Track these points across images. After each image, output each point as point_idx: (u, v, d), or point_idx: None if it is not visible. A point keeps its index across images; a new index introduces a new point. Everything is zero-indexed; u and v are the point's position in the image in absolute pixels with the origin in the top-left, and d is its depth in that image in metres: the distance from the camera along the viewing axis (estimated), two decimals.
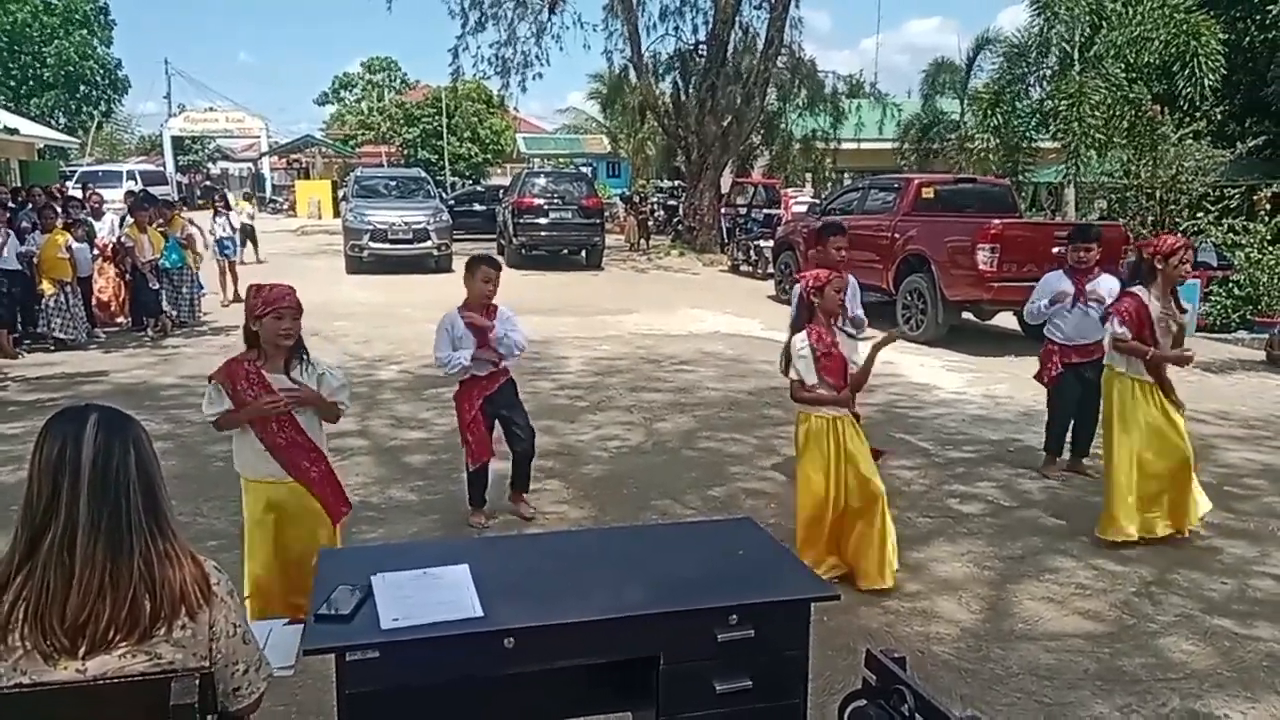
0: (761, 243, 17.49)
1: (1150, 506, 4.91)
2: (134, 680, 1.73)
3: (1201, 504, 4.98)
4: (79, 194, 15.68)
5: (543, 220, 18.59)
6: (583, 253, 19.26)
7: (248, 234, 19.74)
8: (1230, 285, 12.03)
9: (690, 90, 22.74)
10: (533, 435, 5.26)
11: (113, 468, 1.75)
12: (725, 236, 21.46)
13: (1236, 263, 12.13)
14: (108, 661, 1.72)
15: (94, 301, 11.16)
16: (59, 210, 11.48)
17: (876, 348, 4.35)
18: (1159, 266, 4.79)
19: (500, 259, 5.71)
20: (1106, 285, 5.71)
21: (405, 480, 5.84)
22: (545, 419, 7.24)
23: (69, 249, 10.23)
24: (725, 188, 23.76)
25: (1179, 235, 5.32)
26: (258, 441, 3.53)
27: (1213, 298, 11.89)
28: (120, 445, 1.77)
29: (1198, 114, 15.25)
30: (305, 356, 3.57)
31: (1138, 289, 4.84)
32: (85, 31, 32.63)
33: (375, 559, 2.67)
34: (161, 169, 37.02)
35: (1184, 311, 4.99)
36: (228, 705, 1.88)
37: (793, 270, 13.30)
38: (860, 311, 5.58)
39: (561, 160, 37.09)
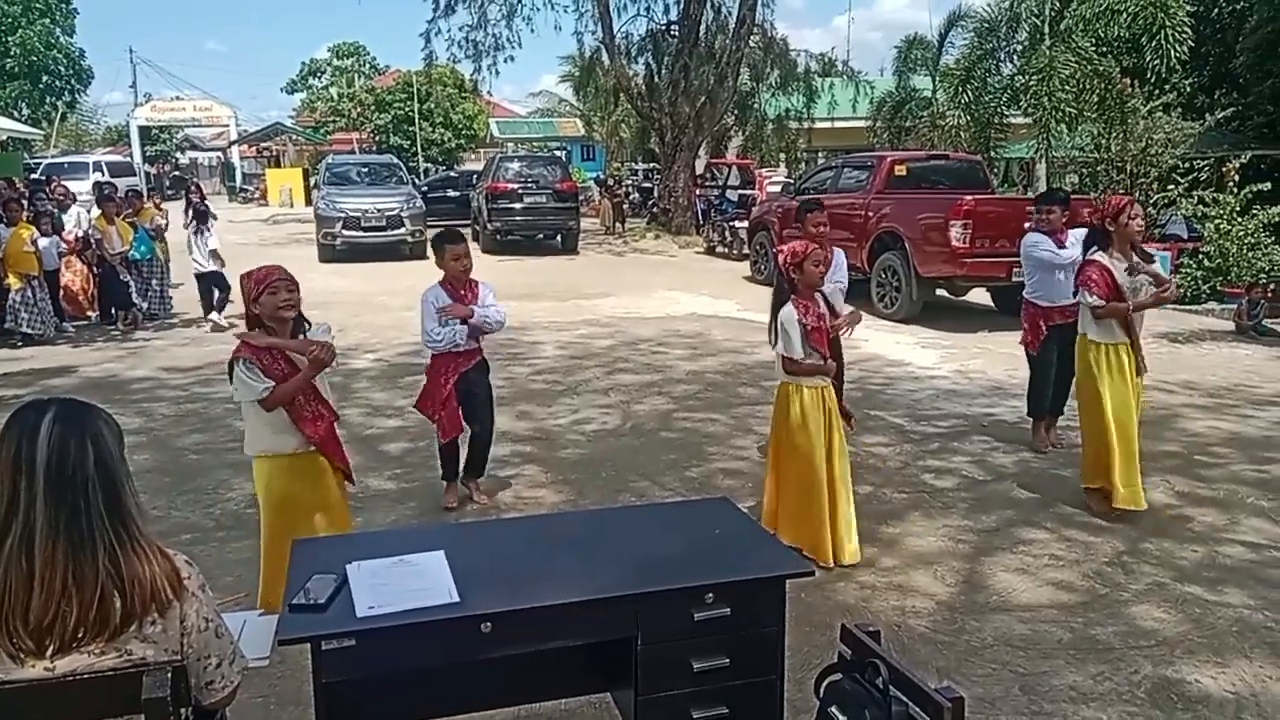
0: (737, 224, 17.47)
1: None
2: (105, 675, 1.72)
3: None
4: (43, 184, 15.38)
5: (517, 205, 18.47)
6: (558, 237, 19.15)
7: None
8: (1200, 257, 12.15)
9: (663, 71, 22.64)
10: (492, 423, 5.28)
11: (69, 466, 1.71)
12: (700, 218, 21.43)
13: (1206, 234, 12.25)
14: (77, 660, 1.70)
15: (62, 295, 10.99)
16: (25, 204, 11.28)
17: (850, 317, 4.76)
18: (1110, 228, 4.90)
19: (466, 234, 5.63)
20: (1075, 239, 5.77)
21: (382, 469, 5.81)
22: (522, 403, 7.24)
23: (34, 243, 10.08)
24: (700, 169, 23.72)
25: (1125, 194, 5.41)
26: (285, 415, 3.60)
27: (1183, 269, 12.00)
28: (78, 442, 1.73)
29: (1167, 86, 15.35)
30: (306, 328, 3.72)
31: (1098, 255, 4.92)
32: (47, 20, 32.00)
33: (351, 547, 2.67)
34: (129, 160, 36.48)
35: (1152, 260, 5.05)
36: (201, 699, 1.86)
37: (768, 250, 13.31)
38: (843, 285, 5.75)
39: (535, 144, 36.84)
